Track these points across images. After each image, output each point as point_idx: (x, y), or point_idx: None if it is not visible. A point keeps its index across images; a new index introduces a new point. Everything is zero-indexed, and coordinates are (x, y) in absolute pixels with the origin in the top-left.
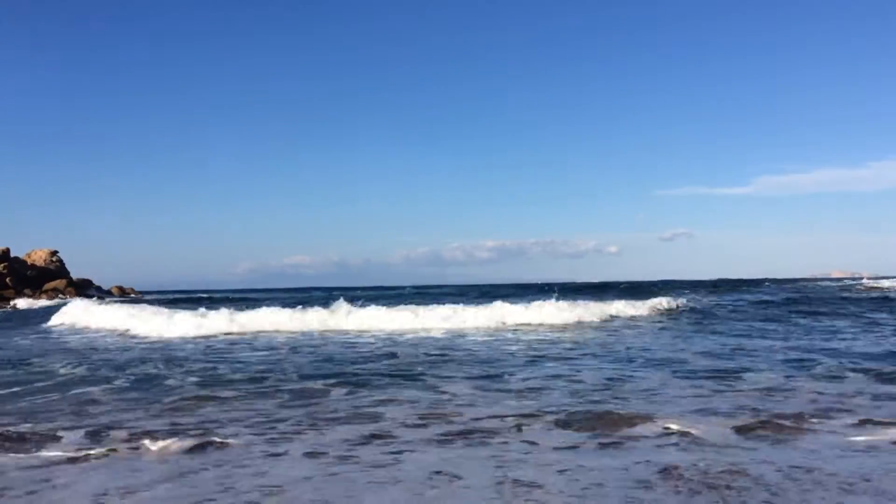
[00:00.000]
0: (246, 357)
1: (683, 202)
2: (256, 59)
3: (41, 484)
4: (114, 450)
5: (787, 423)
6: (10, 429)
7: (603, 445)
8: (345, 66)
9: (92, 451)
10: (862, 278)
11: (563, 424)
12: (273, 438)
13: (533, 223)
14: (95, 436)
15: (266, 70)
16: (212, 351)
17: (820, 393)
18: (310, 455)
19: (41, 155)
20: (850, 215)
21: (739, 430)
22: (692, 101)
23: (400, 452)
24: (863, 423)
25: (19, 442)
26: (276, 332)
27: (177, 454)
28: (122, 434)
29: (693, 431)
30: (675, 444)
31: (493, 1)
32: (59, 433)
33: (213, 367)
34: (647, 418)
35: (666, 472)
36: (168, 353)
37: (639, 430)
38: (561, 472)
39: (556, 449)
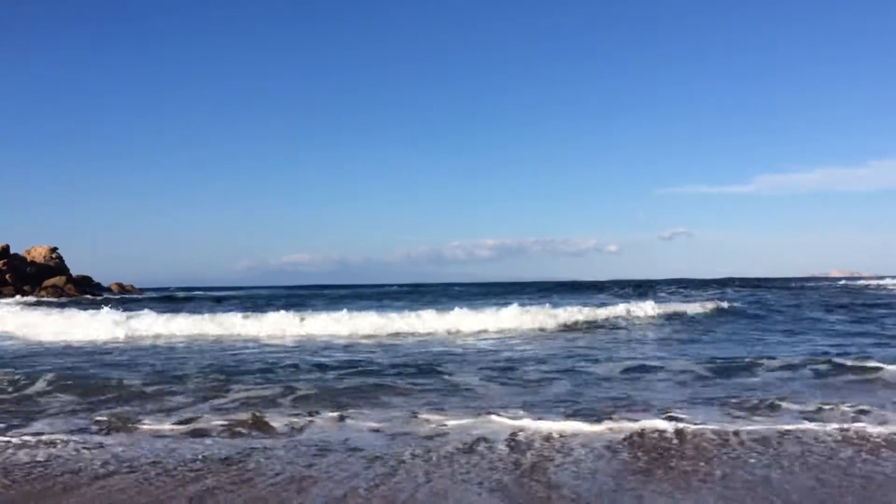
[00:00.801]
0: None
1: (683, 201)
2: (256, 57)
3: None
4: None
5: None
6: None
7: (597, 420)
8: (344, 63)
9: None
10: (866, 278)
11: (570, 404)
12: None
13: (533, 222)
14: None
15: (266, 68)
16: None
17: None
18: (372, 430)
19: (41, 152)
20: (849, 214)
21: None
22: (692, 99)
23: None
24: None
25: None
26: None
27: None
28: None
29: (677, 415)
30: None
31: None
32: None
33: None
34: (645, 404)
35: (630, 439)
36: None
37: (634, 412)
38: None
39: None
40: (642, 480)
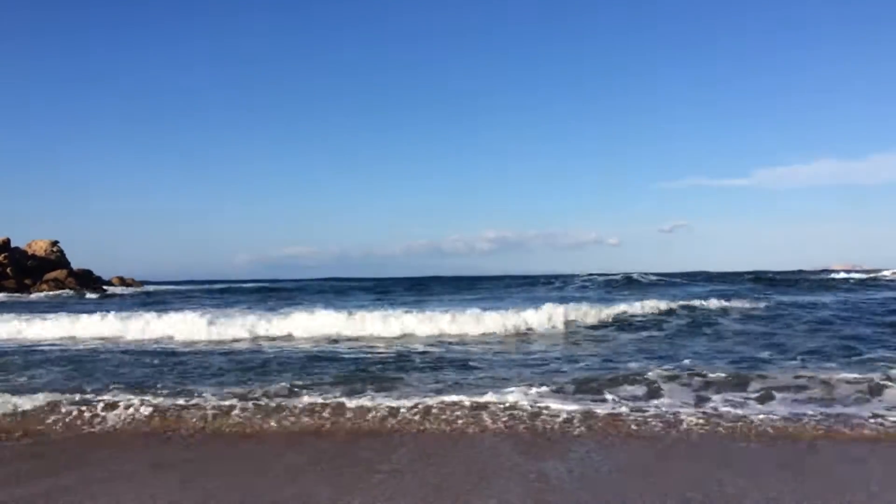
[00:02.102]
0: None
1: (683, 194)
2: (256, 51)
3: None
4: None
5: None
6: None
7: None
8: (344, 56)
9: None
10: (868, 271)
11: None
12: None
13: (533, 215)
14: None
15: (266, 62)
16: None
17: None
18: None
19: (42, 145)
20: (849, 208)
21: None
22: (692, 93)
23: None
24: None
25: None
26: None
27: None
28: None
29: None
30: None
31: None
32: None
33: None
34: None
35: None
36: None
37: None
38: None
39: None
40: (591, 433)
